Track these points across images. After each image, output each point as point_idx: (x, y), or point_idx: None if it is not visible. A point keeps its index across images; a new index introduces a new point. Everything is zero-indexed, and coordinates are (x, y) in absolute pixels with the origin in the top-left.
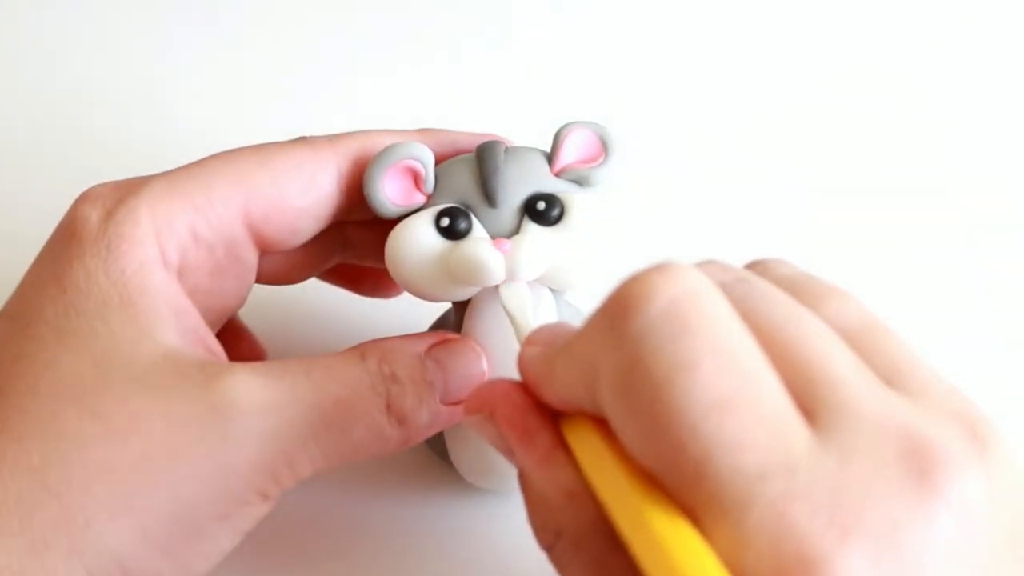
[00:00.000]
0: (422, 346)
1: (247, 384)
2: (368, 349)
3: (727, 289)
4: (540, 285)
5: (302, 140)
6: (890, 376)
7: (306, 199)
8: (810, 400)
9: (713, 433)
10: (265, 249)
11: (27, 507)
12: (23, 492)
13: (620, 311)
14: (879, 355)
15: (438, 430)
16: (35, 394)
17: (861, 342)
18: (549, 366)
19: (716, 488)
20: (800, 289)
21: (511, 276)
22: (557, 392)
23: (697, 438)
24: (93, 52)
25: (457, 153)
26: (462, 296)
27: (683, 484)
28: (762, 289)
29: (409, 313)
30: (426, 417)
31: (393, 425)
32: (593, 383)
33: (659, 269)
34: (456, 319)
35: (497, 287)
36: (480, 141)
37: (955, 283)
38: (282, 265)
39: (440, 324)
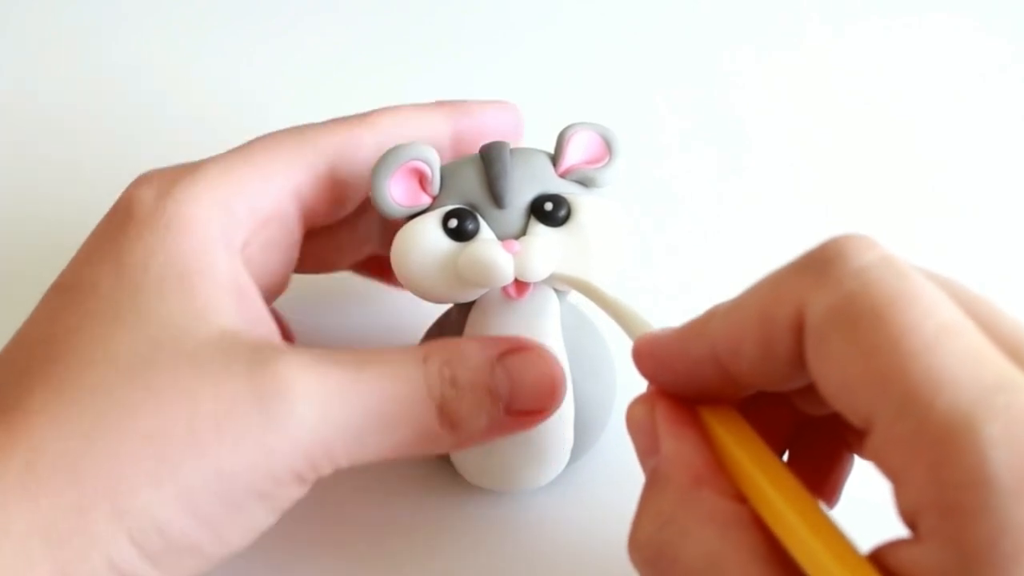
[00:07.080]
0: (494, 351)
1: (297, 374)
2: (432, 350)
3: None
4: (545, 286)
5: (339, 120)
6: None
7: (349, 172)
8: (1010, 353)
9: (947, 349)
10: (311, 223)
11: (75, 469)
12: (72, 454)
13: (833, 256)
14: None
15: (498, 436)
16: (91, 366)
17: None
18: (683, 340)
19: (951, 402)
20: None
21: (521, 277)
22: (700, 355)
23: (931, 353)
24: (125, 42)
25: (478, 131)
26: (468, 298)
27: (904, 407)
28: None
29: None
30: (483, 423)
31: (445, 429)
32: (774, 328)
33: (860, 236)
34: (458, 320)
35: (507, 289)
36: (498, 111)
37: None
38: (321, 250)
39: (440, 325)
